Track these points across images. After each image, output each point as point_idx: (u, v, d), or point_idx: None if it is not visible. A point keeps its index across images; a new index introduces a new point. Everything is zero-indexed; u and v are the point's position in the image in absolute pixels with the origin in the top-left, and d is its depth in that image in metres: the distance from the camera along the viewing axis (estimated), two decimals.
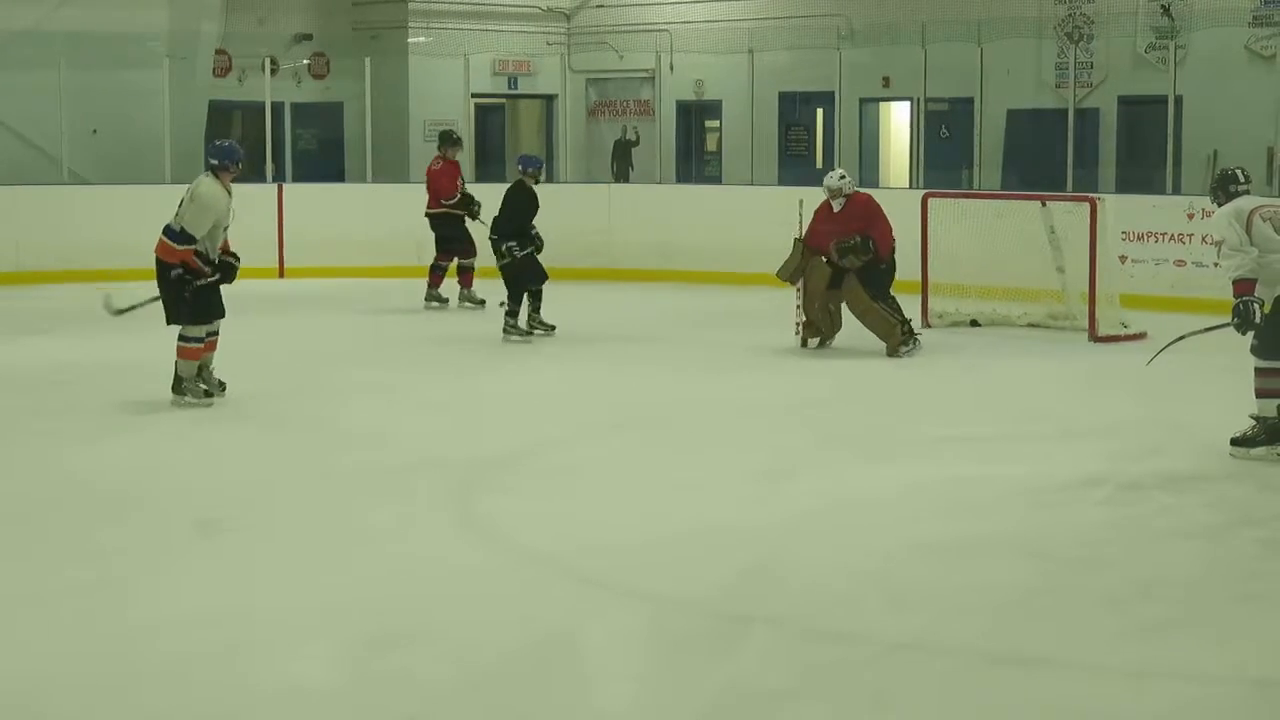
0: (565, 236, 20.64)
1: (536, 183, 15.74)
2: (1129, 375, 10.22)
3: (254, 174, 21.50)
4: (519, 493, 9.59)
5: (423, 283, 18.14)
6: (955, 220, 16.27)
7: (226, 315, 12.01)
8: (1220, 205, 10.43)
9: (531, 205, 15.58)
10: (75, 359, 14.11)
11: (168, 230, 11.77)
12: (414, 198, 19.62)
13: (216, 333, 11.98)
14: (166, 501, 9.17)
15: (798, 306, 14.61)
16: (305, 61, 25.21)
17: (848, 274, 14.28)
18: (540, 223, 15.50)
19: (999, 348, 14.83)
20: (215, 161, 12.00)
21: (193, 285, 11.72)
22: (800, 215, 14.61)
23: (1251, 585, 7.66)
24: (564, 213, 21.02)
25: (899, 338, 14.16)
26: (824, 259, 14.34)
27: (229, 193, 11.87)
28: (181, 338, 11.85)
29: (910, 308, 15.86)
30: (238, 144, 12.57)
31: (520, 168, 15.97)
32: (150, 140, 21.57)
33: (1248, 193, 10.42)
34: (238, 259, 11.97)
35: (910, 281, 16.32)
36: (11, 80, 22.24)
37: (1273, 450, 10.08)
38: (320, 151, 25.19)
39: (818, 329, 14.58)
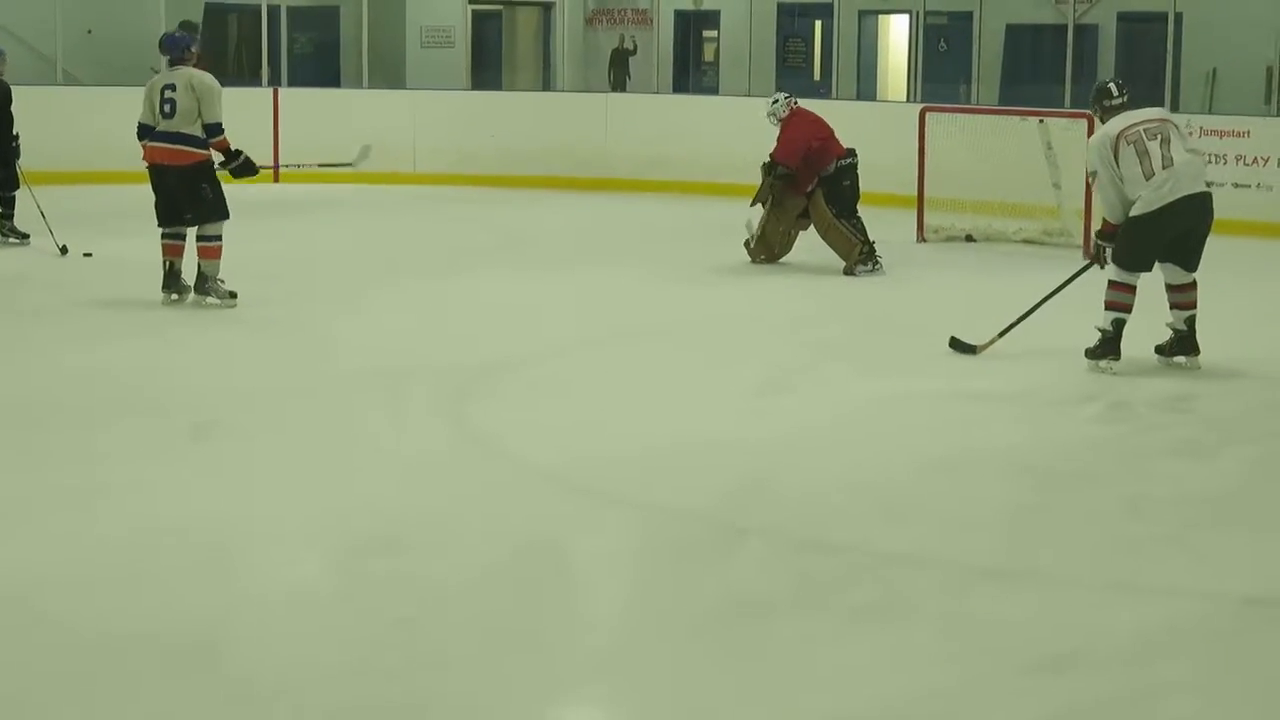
0: (562, 145, 20.71)
1: None
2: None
3: (250, 77, 21.46)
4: (513, 402, 9.63)
5: (418, 190, 18.08)
6: (952, 135, 16.24)
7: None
8: (1099, 118, 10.55)
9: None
10: (71, 260, 14.10)
11: (176, 136, 11.76)
12: (411, 102, 19.61)
13: (219, 236, 12.01)
14: (160, 405, 9.20)
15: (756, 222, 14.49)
16: None
17: (813, 194, 14.20)
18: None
19: (993, 263, 14.85)
20: (182, 52, 12.14)
21: (210, 179, 11.84)
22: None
23: (1238, 504, 7.72)
24: (560, 122, 21.08)
25: (857, 256, 14.08)
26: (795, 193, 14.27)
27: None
28: (204, 237, 11.90)
29: (905, 222, 15.92)
30: (184, 33, 12.71)
31: None
32: (146, 42, 21.41)
33: (1123, 105, 10.46)
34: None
35: (906, 196, 16.35)
36: None
37: (1109, 363, 10.18)
38: (316, 56, 25.07)
39: (769, 249, 14.43)
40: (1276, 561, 6.92)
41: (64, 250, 14.20)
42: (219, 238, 11.90)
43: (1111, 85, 10.67)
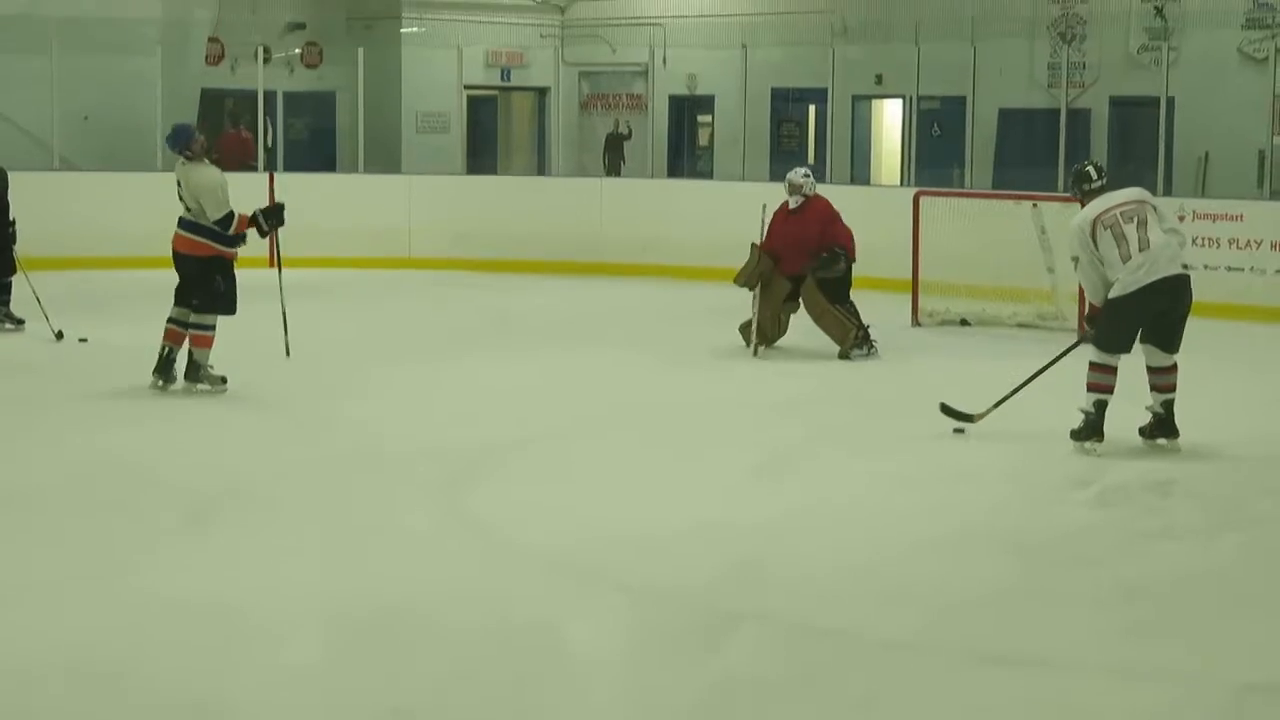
0: (557, 229, 20.76)
1: None
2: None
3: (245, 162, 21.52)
4: (508, 485, 9.63)
5: (413, 274, 18.12)
6: (947, 219, 16.28)
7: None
8: (1078, 200, 10.65)
9: None
10: (66, 345, 14.10)
11: (196, 227, 11.88)
12: (406, 187, 19.67)
13: (213, 326, 12.06)
14: (157, 489, 9.20)
15: (754, 311, 14.38)
16: (298, 50, 25.15)
17: (805, 278, 14.21)
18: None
19: (989, 347, 14.85)
20: (180, 150, 12.10)
21: (225, 274, 11.91)
22: (763, 218, 14.53)
23: (1236, 589, 7.71)
24: (556, 206, 21.15)
25: (852, 340, 14.10)
26: (781, 270, 14.26)
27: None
28: (200, 325, 11.98)
29: (901, 306, 15.94)
30: (187, 124, 12.76)
31: None
32: (142, 127, 21.55)
33: (1102, 189, 10.54)
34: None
35: (901, 280, 16.37)
36: (3, 65, 22.18)
37: (1093, 445, 10.22)
38: (312, 141, 25.16)
39: (765, 336, 14.36)
40: (1274, 646, 6.90)
41: (60, 335, 14.20)
42: (212, 328, 11.99)
43: (1090, 169, 10.75)
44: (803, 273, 14.16)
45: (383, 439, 10.61)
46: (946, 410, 10.77)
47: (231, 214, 11.81)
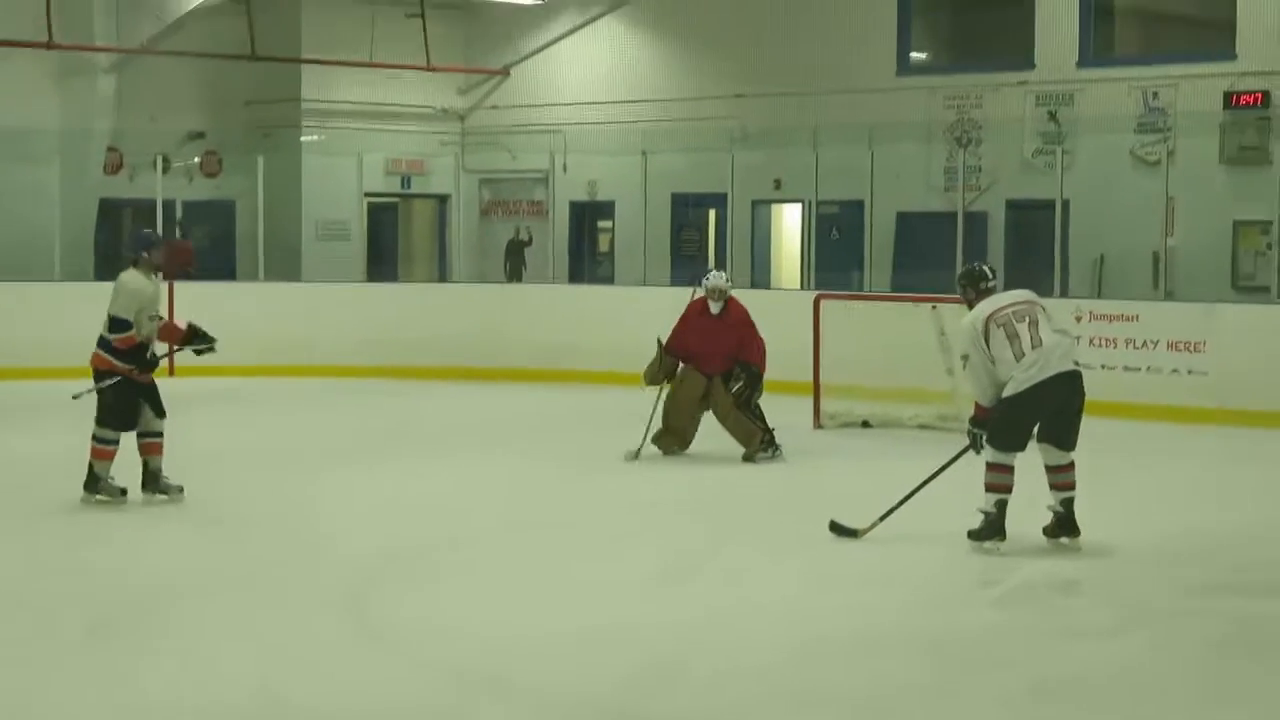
0: (458, 336, 20.76)
1: None
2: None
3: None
4: (415, 592, 9.55)
5: (316, 381, 18.00)
6: (847, 322, 16.37)
7: (166, 416, 11.99)
8: (969, 302, 10.78)
9: None
10: None
11: (101, 341, 11.78)
12: (306, 296, 19.60)
13: (159, 433, 11.98)
14: (57, 602, 9.08)
15: (655, 411, 14.39)
16: (197, 159, 25.09)
17: (713, 381, 14.26)
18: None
19: (891, 449, 14.92)
20: (130, 253, 12.07)
21: (115, 387, 11.76)
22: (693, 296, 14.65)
23: (1145, 687, 7.74)
24: (457, 312, 21.14)
25: (757, 445, 14.16)
26: (696, 370, 14.31)
27: (149, 279, 11.90)
28: (95, 438, 11.86)
29: (802, 408, 16.00)
30: (152, 232, 12.64)
31: None
32: (40, 236, 21.42)
33: (992, 289, 10.68)
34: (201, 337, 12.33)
35: (802, 382, 16.43)
36: None
37: (995, 544, 10.30)
38: (212, 249, 25.04)
39: (680, 437, 14.43)
40: None
41: None
42: (99, 439, 11.86)
43: (986, 268, 10.91)
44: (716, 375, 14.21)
45: (284, 547, 10.54)
46: (835, 528, 10.77)
47: (124, 321, 11.69)
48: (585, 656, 8.04)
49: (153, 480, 11.96)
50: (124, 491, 11.88)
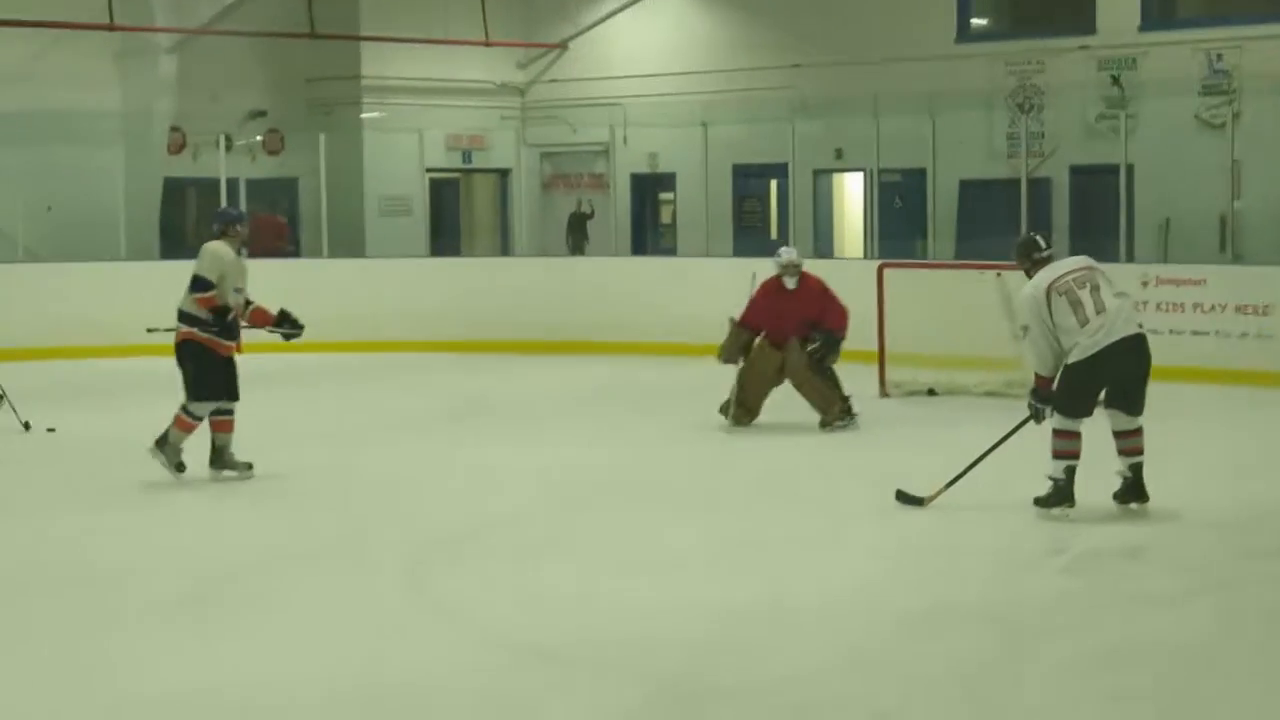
0: (521, 309, 20.80)
1: None
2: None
3: None
4: (483, 567, 9.57)
5: (379, 357, 18.07)
6: (910, 290, 16.33)
7: (238, 399, 12.08)
8: (1025, 271, 10.69)
9: None
10: (34, 436, 14.04)
11: (181, 315, 11.92)
12: (370, 272, 19.68)
13: (230, 412, 12.06)
14: (133, 579, 9.16)
15: (734, 386, 14.40)
16: (259, 138, 25.19)
17: (788, 348, 14.25)
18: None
19: (957, 416, 14.87)
20: (215, 226, 12.19)
21: (194, 356, 11.84)
22: (752, 288, 14.57)
23: (1211, 653, 7.70)
24: (520, 287, 21.18)
25: (835, 414, 14.18)
26: (771, 344, 14.30)
27: (238, 254, 12.02)
28: (184, 410, 11.94)
29: (867, 377, 15.94)
30: (235, 208, 12.69)
31: None
32: (106, 217, 21.57)
33: (1049, 258, 10.62)
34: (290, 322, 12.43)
35: (867, 351, 16.38)
36: None
37: (1063, 511, 10.27)
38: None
39: (749, 411, 14.42)
40: (1251, 712, 6.89)
41: (27, 426, 14.14)
42: (186, 412, 11.93)
43: (1038, 238, 10.82)
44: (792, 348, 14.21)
45: (350, 522, 10.59)
46: (901, 496, 10.76)
47: (207, 281, 11.78)
48: (649, 627, 8.05)
49: (220, 457, 12.04)
50: (181, 468, 11.92)
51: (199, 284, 11.82)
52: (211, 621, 8.39)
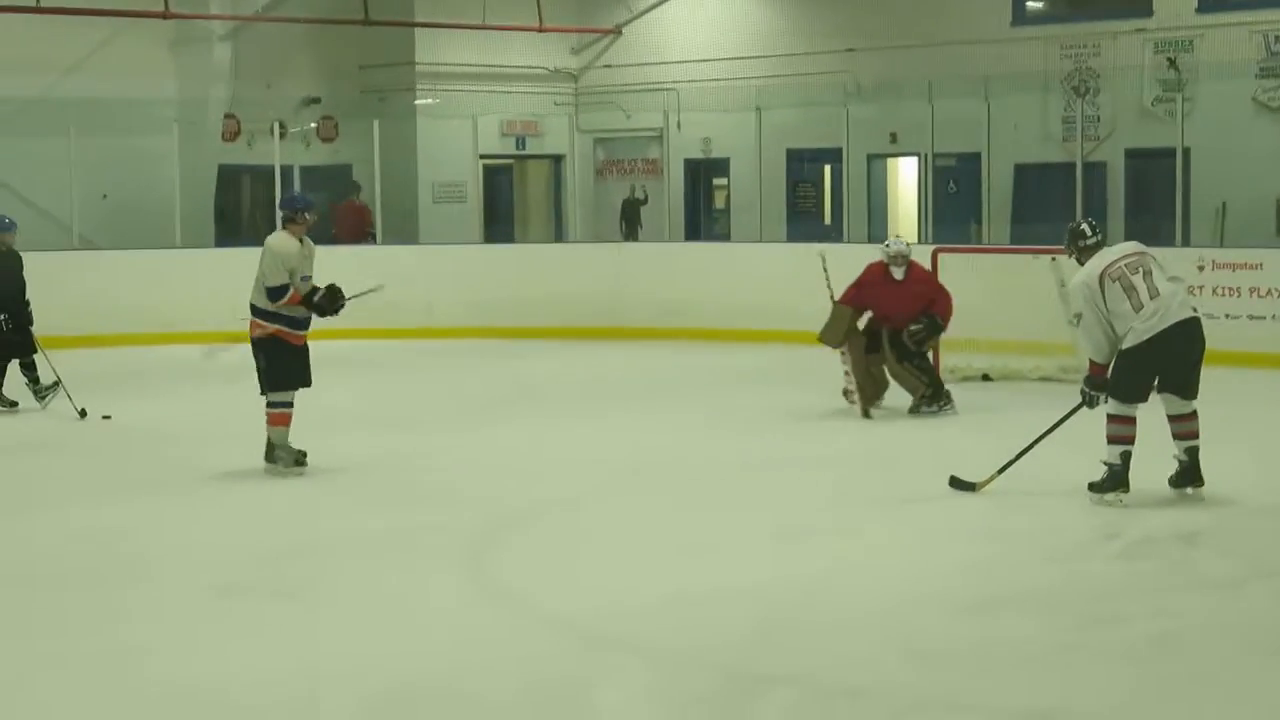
0: (575, 295, 20.80)
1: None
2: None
3: (264, 236, 21.56)
4: (536, 551, 9.61)
5: (434, 343, 18.09)
6: (965, 275, 16.24)
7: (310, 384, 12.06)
8: (1076, 259, 10.69)
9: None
10: (90, 423, 14.12)
11: (251, 308, 11.83)
12: (424, 258, 19.70)
13: (290, 402, 12.01)
14: (183, 565, 9.19)
15: (846, 373, 14.39)
16: (313, 124, 25.25)
17: (880, 335, 14.25)
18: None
19: (1012, 401, 14.82)
20: (282, 212, 12.12)
21: (269, 352, 11.79)
22: (826, 271, 14.51)
23: (1268, 639, 7.65)
24: (573, 272, 21.19)
25: (917, 400, 14.21)
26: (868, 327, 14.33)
27: (302, 242, 11.88)
28: (269, 404, 11.90)
29: None
30: (302, 194, 12.56)
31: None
32: (161, 205, 21.66)
33: (1099, 244, 10.55)
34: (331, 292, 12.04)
35: None
36: (22, 147, 22.37)
37: (1117, 496, 10.22)
38: (330, 214, 25.21)
39: (871, 393, 14.40)
40: None
41: (83, 414, 14.22)
42: (276, 404, 11.89)
43: (1085, 226, 10.77)
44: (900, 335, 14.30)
45: (405, 509, 10.60)
46: (955, 482, 10.74)
47: (279, 289, 11.67)
48: (704, 613, 8.04)
49: (270, 450, 12.01)
50: (301, 459, 11.90)
51: (274, 293, 11.65)
52: (265, 608, 8.41)
